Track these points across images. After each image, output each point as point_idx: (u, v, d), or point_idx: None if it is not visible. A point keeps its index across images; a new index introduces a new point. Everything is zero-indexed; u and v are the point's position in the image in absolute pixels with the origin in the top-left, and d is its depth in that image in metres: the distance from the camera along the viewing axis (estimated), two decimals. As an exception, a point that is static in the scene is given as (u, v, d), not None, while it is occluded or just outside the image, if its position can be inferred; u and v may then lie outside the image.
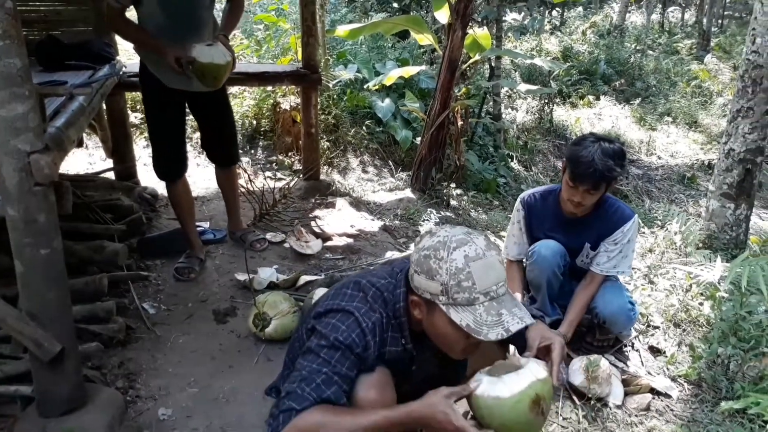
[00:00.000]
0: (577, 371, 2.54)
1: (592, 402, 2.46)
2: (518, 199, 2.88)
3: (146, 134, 5.02)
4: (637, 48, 12.31)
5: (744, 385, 2.52)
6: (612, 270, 2.70)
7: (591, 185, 2.51)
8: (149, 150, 4.89)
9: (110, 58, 3.42)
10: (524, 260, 2.88)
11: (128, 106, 4.09)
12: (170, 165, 3.08)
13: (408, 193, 4.96)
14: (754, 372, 2.59)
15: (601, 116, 9.13)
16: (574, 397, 2.50)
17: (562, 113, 8.79)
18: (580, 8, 15.88)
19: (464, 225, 4.65)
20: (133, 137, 4.05)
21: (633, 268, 3.60)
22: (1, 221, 1.84)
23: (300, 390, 1.46)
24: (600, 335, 2.82)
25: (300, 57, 4.45)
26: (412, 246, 4.00)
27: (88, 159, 4.69)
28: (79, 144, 4.53)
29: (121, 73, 3.40)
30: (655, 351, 2.88)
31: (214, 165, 3.37)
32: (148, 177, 4.34)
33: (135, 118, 5.06)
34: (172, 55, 2.76)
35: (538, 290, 2.81)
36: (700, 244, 4.21)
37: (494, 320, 1.44)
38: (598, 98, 9.85)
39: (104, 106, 3.78)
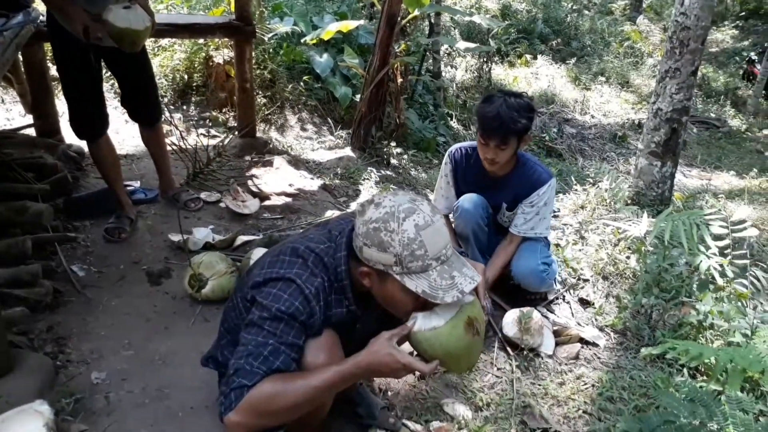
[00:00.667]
0: (511, 323, 2.63)
1: (525, 352, 2.56)
2: (447, 153, 2.93)
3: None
4: (574, 8, 12.49)
5: (664, 333, 2.69)
6: (530, 232, 2.80)
7: (499, 140, 2.57)
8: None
9: (26, 5, 3.17)
10: (451, 215, 2.94)
11: (48, 58, 3.82)
12: (87, 123, 2.88)
13: (348, 151, 4.92)
14: (674, 320, 2.76)
15: (538, 76, 9.28)
16: (508, 348, 2.60)
17: (500, 72, 8.87)
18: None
19: (404, 184, 4.68)
20: (54, 91, 3.81)
21: (565, 225, 3.73)
22: None
23: (248, 366, 1.45)
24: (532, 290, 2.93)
25: (233, 8, 4.26)
26: (353, 206, 3.99)
27: (5, 114, 4.39)
28: (-5, 98, 4.22)
29: (38, 21, 3.16)
30: (584, 303, 3.02)
31: (137, 124, 3.23)
32: (72, 133, 4.12)
33: (54, 70, 4.75)
34: (80, 23, 2.54)
35: (467, 243, 2.89)
36: (629, 201, 4.39)
37: (448, 283, 1.46)
38: (535, 57, 9.98)
39: (21, 58, 3.52)
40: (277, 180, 4.09)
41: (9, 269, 2.36)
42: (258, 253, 2.81)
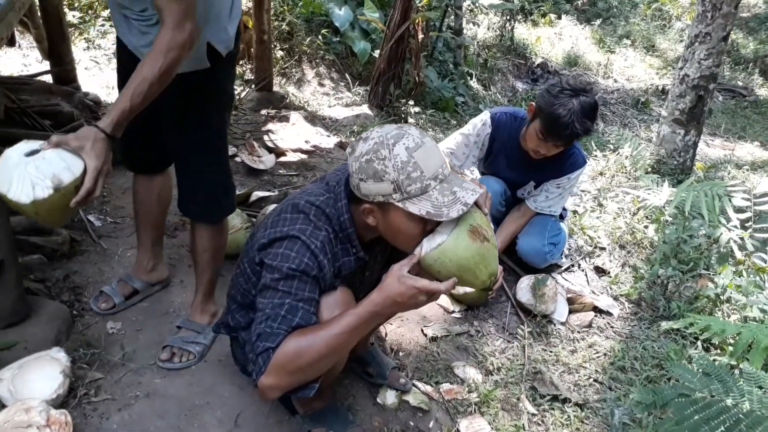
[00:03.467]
0: (525, 289, 2.62)
1: (538, 319, 2.56)
2: (487, 115, 2.76)
3: (86, 35, 4.68)
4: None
5: (680, 305, 2.66)
6: (546, 209, 2.76)
7: (563, 144, 2.49)
8: (91, 53, 4.58)
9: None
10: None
11: (65, 3, 3.75)
12: (132, 151, 2.14)
13: (365, 108, 4.84)
14: (690, 292, 2.73)
15: (561, 36, 9.03)
16: (521, 314, 2.60)
17: (523, 31, 8.64)
18: None
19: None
20: (71, 38, 3.75)
21: (584, 191, 3.68)
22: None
23: (269, 328, 1.45)
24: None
25: (253, -44, 4.15)
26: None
27: (22, 60, 4.35)
28: (11, 43, 4.17)
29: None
30: (600, 271, 2.99)
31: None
32: (89, 81, 4.08)
33: (73, 17, 4.68)
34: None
35: None
36: (649, 169, 4.32)
37: (450, 199, 1.44)
38: (559, 17, 9.70)
39: (37, 2, 3.46)
40: (293, 136, 4.05)
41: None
42: (272, 209, 2.80)
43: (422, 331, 2.42)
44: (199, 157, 1.96)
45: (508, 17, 8.02)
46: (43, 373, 1.82)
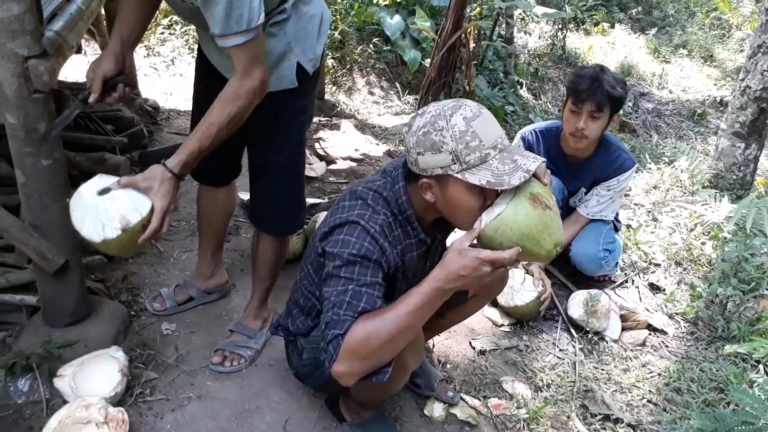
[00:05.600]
0: (577, 305, 2.57)
1: (590, 335, 2.50)
2: (518, 136, 2.80)
3: (146, 43, 4.84)
4: (659, -26, 11.75)
5: (740, 326, 2.56)
6: (598, 214, 2.70)
7: (594, 104, 2.47)
8: (150, 60, 4.74)
9: (108, -41, 3.22)
10: None
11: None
12: (200, 164, 1.99)
13: (414, 117, 4.84)
14: (751, 313, 2.62)
15: (614, 45, 8.83)
16: (572, 330, 2.55)
17: (575, 40, 8.49)
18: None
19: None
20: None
21: (637, 205, 3.59)
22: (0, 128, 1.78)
23: (336, 316, 1.44)
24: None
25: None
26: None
27: (86, 67, 4.54)
28: (78, 50, 4.35)
29: (119, -25, 3.21)
30: (655, 288, 2.91)
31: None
32: (148, 88, 4.22)
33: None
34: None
35: None
36: (707, 183, 4.17)
37: (511, 167, 1.42)
38: (612, 26, 9.49)
39: (103, 12, 3.60)
40: (343, 144, 4.08)
41: (89, 218, 2.45)
42: (323, 216, 2.83)
43: (470, 343, 2.40)
44: (278, 174, 1.99)
45: (560, 26, 7.91)
46: (102, 371, 1.89)
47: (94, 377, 1.87)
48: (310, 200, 3.16)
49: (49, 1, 2.23)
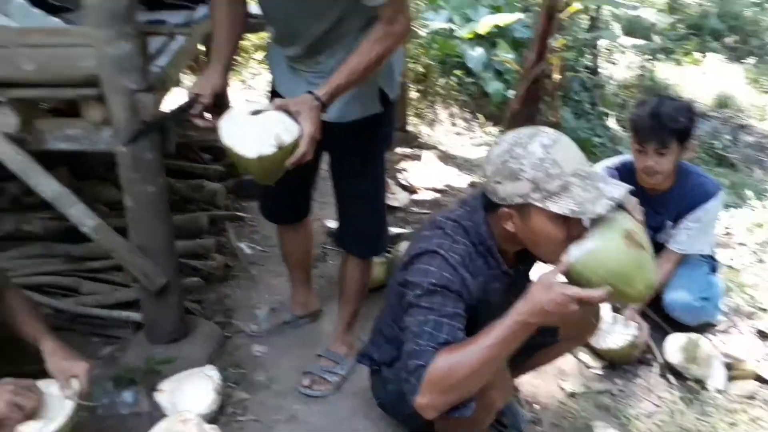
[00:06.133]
0: (675, 349, 2.43)
1: (690, 383, 2.35)
2: None
3: (241, 77, 5.09)
4: (755, 1, 11.22)
5: None
6: (691, 249, 2.53)
7: (658, 142, 2.34)
8: (245, 93, 4.97)
9: (208, -1, 3.42)
10: None
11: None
12: (272, 206, 2.26)
13: (497, 148, 4.81)
14: None
15: (708, 75, 8.48)
16: (670, 376, 2.40)
17: (664, 70, 8.22)
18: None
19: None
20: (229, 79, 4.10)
21: (741, 244, 3.38)
22: (112, 157, 1.91)
23: (417, 347, 1.44)
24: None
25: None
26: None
27: (186, 98, 4.82)
28: (178, 84, 4.63)
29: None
30: (763, 336, 2.70)
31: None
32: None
33: (230, 59, 5.12)
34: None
35: None
36: (818, 222, 3.87)
37: (594, 195, 1.36)
38: (705, 55, 9.12)
39: (202, 47, 3.82)
40: (425, 175, 4.10)
41: (187, 242, 2.58)
42: (406, 246, 2.84)
43: (559, 384, 2.31)
44: (363, 199, 2.05)
45: (649, 56, 7.69)
46: (198, 389, 1.96)
47: (190, 394, 1.94)
48: (393, 229, 3.18)
49: (155, 39, 2.40)
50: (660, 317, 2.67)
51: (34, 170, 1.85)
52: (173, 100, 4.36)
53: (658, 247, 2.66)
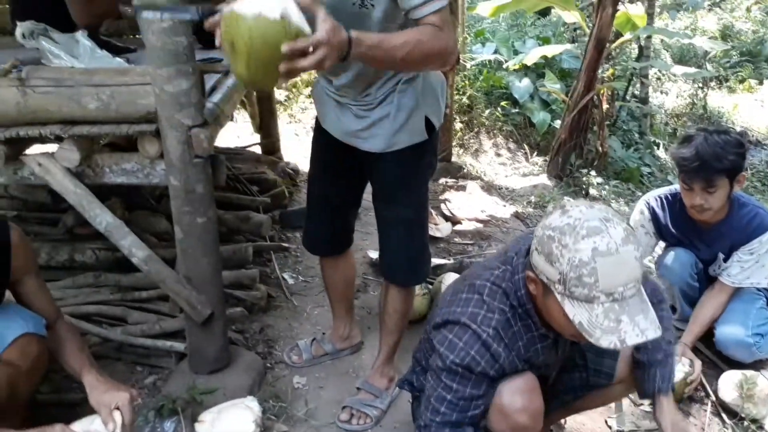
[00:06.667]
0: (729, 387, 2.32)
1: (746, 423, 2.24)
2: (642, 202, 2.61)
3: (289, 111, 5.25)
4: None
5: None
6: (745, 281, 2.41)
7: (704, 182, 2.24)
8: (292, 126, 5.12)
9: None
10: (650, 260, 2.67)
11: (273, 83, 4.27)
12: (314, 238, 2.28)
13: (543, 179, 4.77)
14: None
15: (764, 103, 8.21)
16: (724, 415, 2.29)
17: (717, 99, 8.01)
18: (747, -19, 14.27)
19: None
20: (277, 114, 4.24)
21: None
22: (164, 190, 1.99)
23: (429, 421, 1.50)
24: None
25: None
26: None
27: (236, 132, 4.99)
28: (230, 118, 4.81)
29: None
30: (827, 374, 2.55)
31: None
32: (290, 152, 4.54)
33: (279, 95, 5.29)
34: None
35: (674, 301, 2.62)
36: None
37: (611, 326, 1.30)
38: (761, 83, 8.84)
39: (253, 83, 3.97)
40: (469, 205, 4.10)
41: (233, 272, 2.64)
42: (448, 278, 2.82)
43: (606, 422, 2.24)
44: (405, 227, 2.04)
45: (700, 84, 7.51)
46: (238, 421, 1.97)
47: (230, 426, 1.95)
48: (435, 260, 3.17)
49: (210, 75, 2.50)
50: (712, 353, 2.57)
51: (91, 203, 1.93)
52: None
53: (711, 280, 2.57)
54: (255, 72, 1.37)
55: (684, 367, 2.32)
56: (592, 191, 4.76)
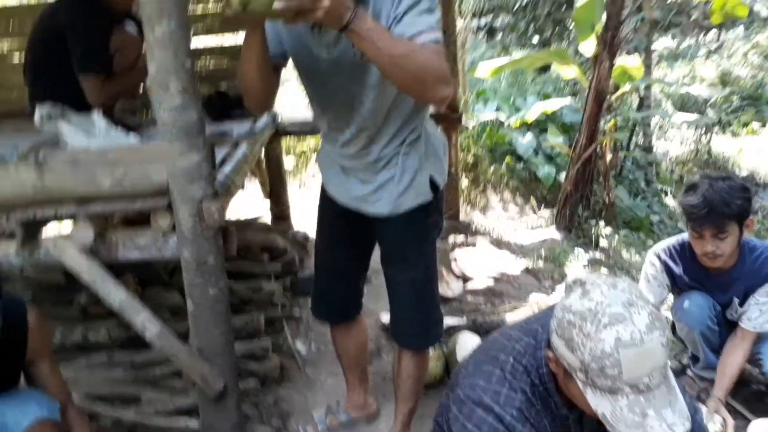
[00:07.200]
0: (759, 438, 2.24)
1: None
2: (651, 254, 2.59)
3: (299, 178, 5.34)
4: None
5: None
6: (766, 325, 2.38)
7: (714, 228, 2.24)
8: (301, 193, 5.19)
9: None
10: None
11: (283, 152, 4.36)
12: (323, 305, 2.27)
13: (552, 232, 4.78)
14: None
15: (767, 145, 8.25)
16: (757, 470, 2.21)
17: (721, 143, 8.07)
18: (741, 28, 14.58)
19: (615, 267, 4.36)
20: (287, 180, 4.31)
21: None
22: (175, 263, 2.00)
23: None
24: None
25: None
26: (558, 290, 3.82)
27: (246, 199, 5.06)
28: (242, 188, 4.89)
29: (278, 122, 3.64)
30: None
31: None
32: (299, 219, 4.58)
33: (288, 164, 5.40)
34: None
35: (696, 348, 2.57)
36: None
37: (636, 420, 1.21)
38: (764, 125, 8.92)
39: (263, 153, 4.05)
40: (479, 262, 4.09)
41: (245, 343, 2.62)
42: (463, 338, 2.80)
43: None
44: (416, 289, 2.03)
45: (704, 130, 7.59)
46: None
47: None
48: (448, 320, 3.13)
49: (221, 148, 2.56)
50: (739, 402, 2.50)
51: (105, 280, 1.94)
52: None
53: (731, 325, 2.53)
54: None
55: (716, 425, 2.25)
56: (602, 242, 4.75)
